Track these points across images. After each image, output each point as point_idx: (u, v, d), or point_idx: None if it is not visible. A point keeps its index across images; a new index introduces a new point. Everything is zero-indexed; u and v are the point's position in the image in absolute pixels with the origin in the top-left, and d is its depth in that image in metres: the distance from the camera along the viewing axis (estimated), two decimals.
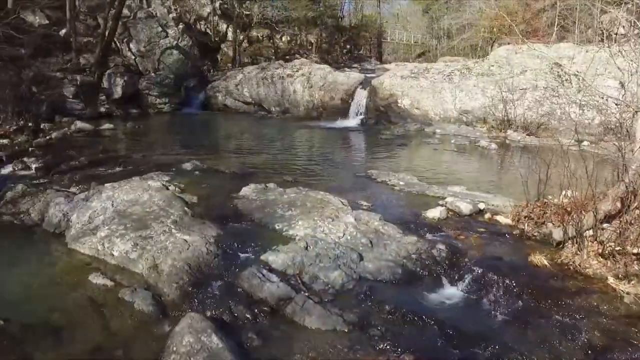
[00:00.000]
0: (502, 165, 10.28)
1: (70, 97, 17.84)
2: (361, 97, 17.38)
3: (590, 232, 4.81)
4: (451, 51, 42.10)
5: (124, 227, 5.58)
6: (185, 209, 6.01)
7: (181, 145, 11.74)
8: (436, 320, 3.97)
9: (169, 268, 4.73)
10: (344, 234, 5.20)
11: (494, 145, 11.89)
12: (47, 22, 21.85)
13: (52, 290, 4.70)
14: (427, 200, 6.66)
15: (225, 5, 27.99)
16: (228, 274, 4.67)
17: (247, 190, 6.70)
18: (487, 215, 6.04)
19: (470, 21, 41.93)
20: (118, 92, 19.57)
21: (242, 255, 5.00)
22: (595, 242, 4.73)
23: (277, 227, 5.53)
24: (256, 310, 4.14)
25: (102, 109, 18.54)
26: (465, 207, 6.11)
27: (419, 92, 15.72)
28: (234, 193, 6.75)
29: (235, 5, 25.97)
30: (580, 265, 4.53)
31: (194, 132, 14.58)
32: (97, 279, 4.78)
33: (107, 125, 14.68)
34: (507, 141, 13.31)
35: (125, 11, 23.50)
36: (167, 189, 6.79)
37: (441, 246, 5.03)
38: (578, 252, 4.65)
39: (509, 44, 21.01)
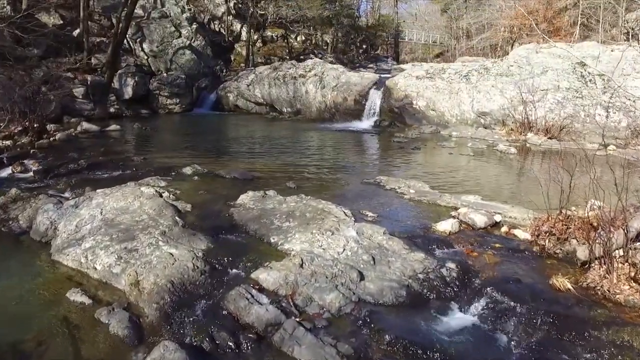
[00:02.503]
0: (521, 171, 9.67)
1: (80, 97, 17.73)
2: (375, 98, 16.91)
3: (621, 251, 4.26)
4: (470, 51, 41.34)
5: (110, 238, 5.20)
6: (177, 218, 5.60)
7: (185, 148, 11.41)
8: (443, 353, 3.48)
9: (150, 286, 4.32)
10: (343, 250, 4.73)
11: (513, 150, 11.28)
12: (61, 22, 21.81)
13: (27, 308, 4.33)
14: (439, 211, 6.14)
15: (240, 5, 27.72)
16: (214, 293, 4.25)
17: (244, 198, 6.27)
18: (504, 229, 5.51)
19: (490, 20, 41.18)
20: (129, 92, 19.41)
21: (231, 272, 4.57)
22: (627, 263, 4.18)
23: (272, 240, 5.09)
24: (241, 338, 3.69)
25: (112, 110, 18.39)
26: (479, 220, 5.59)
27: (434, 93, 15.17)
28: (231, 200, 6.33)
29: (250, 5, 25.64)
30: (609, 291, 3.98)
31: (201, 134, 14.25)
32: (75, 296, 4.40)
33: (113, 127, 14.43)
34: (527, 145, 12.69)
35: (139, 11, 23.40)
36: (161, 195, 6.39)
37: (451, 265, 4.53)
38: (607, 275, 4.10)
39: (529, 43, 20.36)
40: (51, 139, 12.34)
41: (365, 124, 16.36)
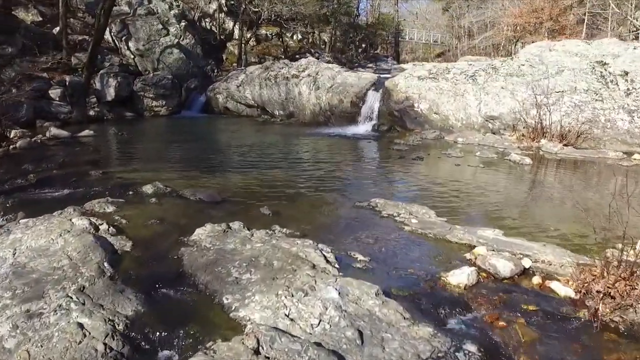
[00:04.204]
0: (543, 189, 8.17)
1: (57, 99, 16.44)
2: (373, 101, 15.57)
3: None
4: (472, 50, 40.10)
5: (12, 294, 3.87)
6: (105, 265, 4.26)
7: (156, 158, 10.10)
8: None
9: None
10: (319, 322, 3.39)
11: (527, 160, 9.92)
12: (40, 19, 20.53)
13: None
14: (449, 251, 4.79)
15: (232, 2, 26.38)
16: None
17: (201, 234, 4.94)
18: (536, 280, 4.17)
19: (492, 19, 40.02)
20: (111, 93, 18.10)
21: (160, 355, 3.23)
22: None
23: (225, 302, 3.75)
24: None
25: (92, 113, 17.13)
26: (503, 266, 4.25)
27: (438, 95, 13.82)
28: (186, 235, 5.01)
29: (242, 1, 24.23)
30: None
31: (180, 141, 12.90)
32: None
33: (86, 132, 13.10)
34: (541, 152, 11.36)
35: (125, 8, 22.13)
36: (97, 229, 5.06)
37: (471, 347, 3.19)
38: None
39: (533, 42, 19.13)
40: (10, 147, 11.05)
41: (363, 128, 15.03)
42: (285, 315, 3.45)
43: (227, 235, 4.87)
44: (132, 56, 21.16)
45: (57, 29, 19.38)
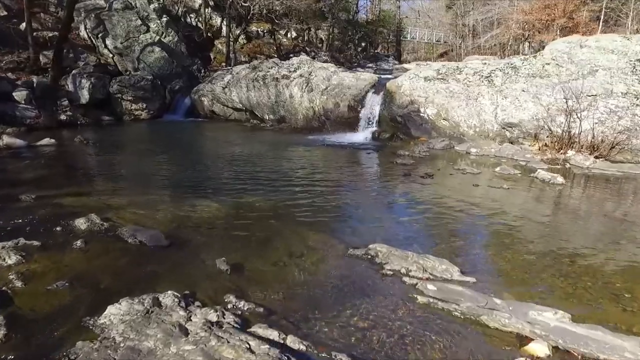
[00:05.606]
0: (597, 226, 6.11)
1: (22, 102, 14.82)
2: (373, 104, 13.90)
3: None
4: (477, 50, 38.42)
5: None
6: None
7: (111, 176, 8.38)
8: None
9: None
10: None
11: (559, 179, 8.20)
12: (5, 13, 18.82)
13: None
14: (489, 348, 3.08)
15: None
16: None
17: (113, 315, 3.26)
18: None
19: (500, 16, 38.35)
20: (84, 96, 16.43)
21: None
22: None
23: None
24: None
25: (64, 117, 15.47)
26: None
27: (447, 99, 12.12)
28: (94, 315, 3.33)
29: None
30: None
31: (151, 152, 11.18)
32: None
33: (45, 141, 11.41)
34: (568, 166, 9.71)
35: (101, 2, 20.44)
36: None
37: None
38: None
39: (541, 42, 17.49)
40: None
41: (361, 136, 13.34)
42: None
43: (149, 320, 3.18)
44: (111, 55, 19.49)
45: (24, 24, 17.76)
